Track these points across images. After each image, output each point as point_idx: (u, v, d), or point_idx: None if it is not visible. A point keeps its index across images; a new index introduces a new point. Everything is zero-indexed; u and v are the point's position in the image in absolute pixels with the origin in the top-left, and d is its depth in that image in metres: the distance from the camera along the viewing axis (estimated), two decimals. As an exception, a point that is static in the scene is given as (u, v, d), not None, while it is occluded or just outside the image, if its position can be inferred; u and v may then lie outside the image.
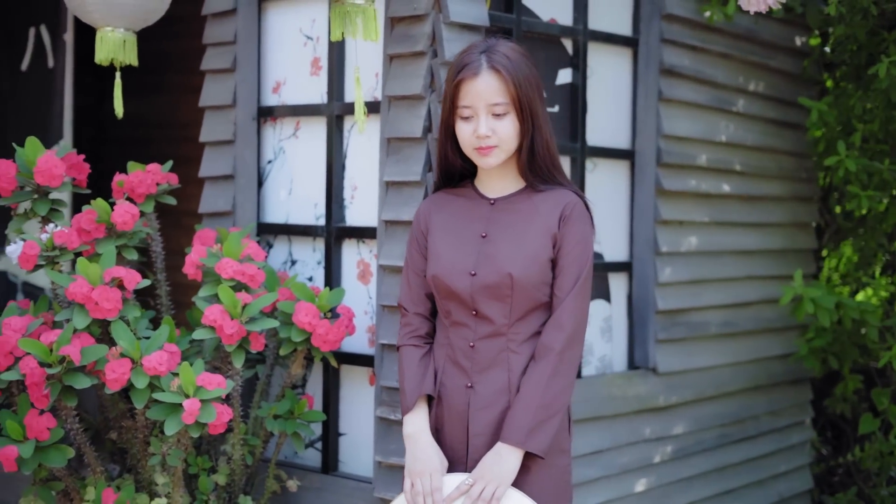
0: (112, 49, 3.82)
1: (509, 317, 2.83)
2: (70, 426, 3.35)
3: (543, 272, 2.81)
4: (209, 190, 4.12)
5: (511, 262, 2.81)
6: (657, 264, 4.35)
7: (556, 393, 2.77)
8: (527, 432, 2.75)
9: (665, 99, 4.35)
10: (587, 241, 2.83)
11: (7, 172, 3.59)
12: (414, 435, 2.89)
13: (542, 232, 2.82)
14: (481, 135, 2.80)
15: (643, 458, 4.31)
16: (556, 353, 2.77)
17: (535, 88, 2.82)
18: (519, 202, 2.89)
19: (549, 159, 2.85)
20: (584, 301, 2.83)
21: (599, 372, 4.27)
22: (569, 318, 2.79)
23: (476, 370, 2.87)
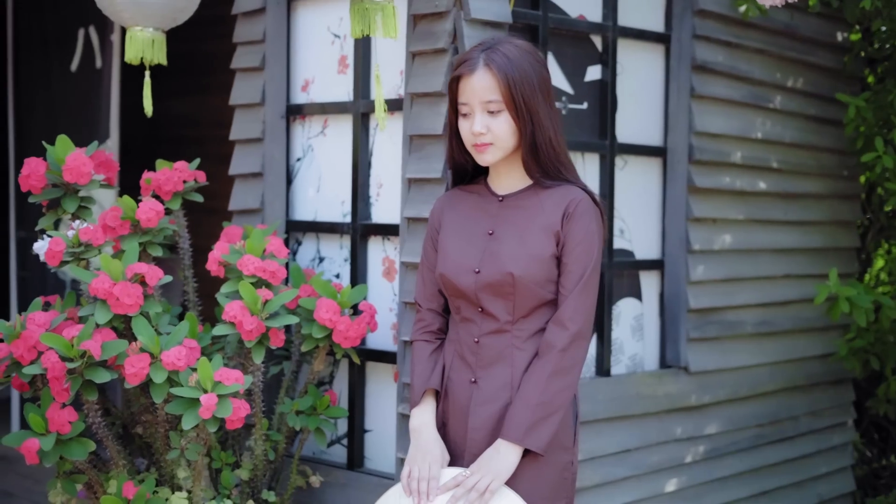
0: (141, 48, 3.87)
1: (513, 314, 2.82)
2: (92, 420, 3.39)
3: (546, 270, 2.80)
4: (239, 187, 4.15)
5: (513, 260, 2.81)
6: (689, 262, 4.31)
7: (557, 391, 2.75)
8: (525, 429, 2.74)
9: (698, 95, 4.31)
10: (592, 238, 2.80)
11: (37, 170, 3.65)
12: (418, 428, 2.90)
13: (545, 229, 2.81)
14: (475, 132, 2.80)
15: (674, 457, 4.28)
16: (558, 350, 2.76)
17: (537, 86, 2.78)
18: (526, 199, 2.88)
19: (554, 156, 2.82)
20: (589, 298, 2.80)
21: (630, 371, 4.24)
22: (572, 316, 2.77)
23: (480, 365, 2.87)
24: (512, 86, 2.75)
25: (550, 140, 2.81)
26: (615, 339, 4.18)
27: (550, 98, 2.83)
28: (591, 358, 4.10)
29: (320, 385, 3.99)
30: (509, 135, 2.80)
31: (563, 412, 2.78)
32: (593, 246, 2.79)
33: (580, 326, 2.77)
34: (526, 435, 2.74)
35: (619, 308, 4.20)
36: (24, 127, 6.56)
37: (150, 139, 7.15)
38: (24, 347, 3.32)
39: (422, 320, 3.03)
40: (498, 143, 2.81)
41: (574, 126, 4.02)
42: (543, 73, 2.82)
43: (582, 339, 2.78)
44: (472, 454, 2.83)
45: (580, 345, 2.78)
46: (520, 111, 2.77)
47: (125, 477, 3.43)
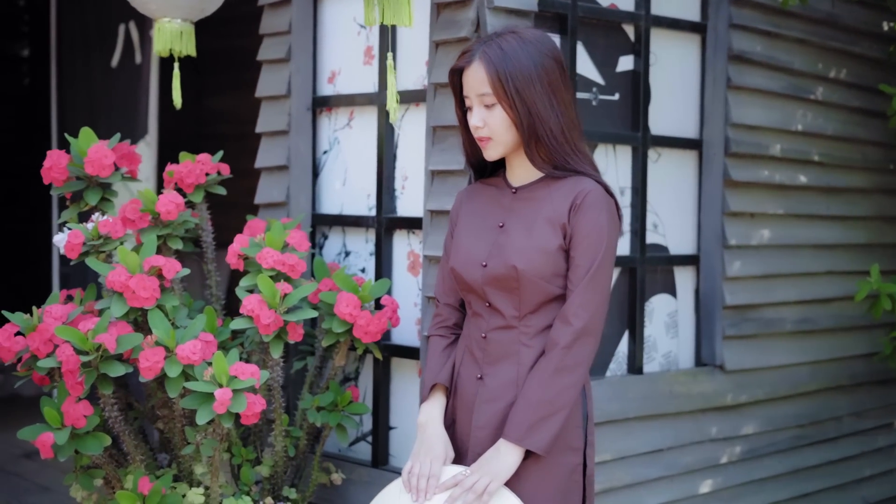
0: (169, 40, 3.84)
1: (519, 309, 2.74)
2: (109, 414, 3.35)
3: (553, 264, 2.70)
4: (265, 181, 4.11)
5: (517, 253, 2.72)
6: (725, 258, 4.20)
7: (560, 389, 2.65)
8: (526, 429, 2.65)
9: (734, 86, 4.20)
10: (600, 230, 2.69)
11: (59, 162, 3.62)
12: (424, 423, 2.84)
13: (551, 221, 2.72)
14: (473, 125, 2.74)
15: (709, 458, 4.17)
16: (561, 347, 2.66)
17: (535, 77, 2.68)
18: (537, 191, 2.79)
19: (559, 146, 2.73)
20: (597, 294, 2.69)
21: (664, 368, 4.14)
22: (576, 312, 2.67)
23: (487, 361, 2.79)
24: (503, 78, 2.67)
25: (552, 131, 2.71)
26: (648, 336, 4.08)
27: (555, 88, 2.72)
28: (623, 355, 4.01)
29: (346, 381, 3.93)
30: (505, 128, 2.72)
31: (567, 412, 2.67)
32: (602, 239, 2.69)
33: (585, 322, 2.66)
34: (526, 435, 2.65)
35: (653, 304, 4.10)
36: (66, 122, 6.59)
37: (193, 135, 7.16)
38: (40, 340, 3.29)
39: (438, 315, 2.98)
40: (495, 136, 2.74)
41: (605, 117, 3.93)
42: (546, 62, 2.72)
43: (587, 335, 2.67)
44: (475, 453, 2.76)
45: (585, 342, 2.67)
46: (512, 103, 2.68)
47: (141, 472, 3.39)
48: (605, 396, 3.82)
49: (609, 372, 3.98)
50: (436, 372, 2.89)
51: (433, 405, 2.86)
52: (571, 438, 2.72)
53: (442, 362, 2.90)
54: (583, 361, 2.67)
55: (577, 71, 3.83)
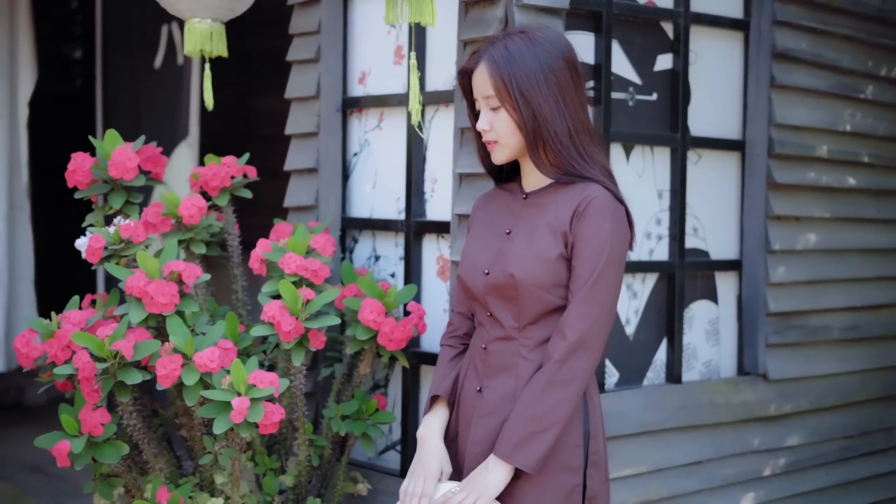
0: (199, 40, 3.77)
1: (519, 320, 2.63)
2: (127, 422, 3.29)
3: (552, 273, 2.59)
4: (294, 184, 4.03)
5: (516, 261, 2.62)
6: (769, 263, 4.05)
7: (551, 405, 2.53)
8: (514, 445, 2.54)
9: (778, 85, 4.05)
10: (603, 238, 2.56)
11: (82, 165, 3.57)
12: (422, 437, 2.75)
13: (552, 228, 2.61)
14: (480, 128, 2.65)
15: (751, 470, 4.02)
16: (554, 361, 2.54)
17: (541, 78, 2.58)
18: (545, 196, 2.68)
19: (564, 150, 2.61)
20: (596, 305, 2.55)
21: (704, 377, 4.01)
22: (571, 324, 2.54)
23: (487, 374, 2.69)
24: (506, 80, 2.58)
25: (557, 134, 2.59)
26: (687, 343, 3.95)
27: (563, 89, 2.61)
28: (661, 363, 3.88)
29: (375, 388, 3.85)
30: (510, 131, 2.63)
31: (559, 429, 2.54)
32: (604, 248, 2.55)
33: (580, 335, 2.53)
34: (514, 451, 2.53)
35: (692, 311, 3.97)
36: (111, 124, 6.55)
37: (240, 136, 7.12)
38: (58, 347, 3.24)
39: (451, 324, 2.89)
40: (501, 140, 2.65)
41: (642, 118, 3.80)
42: (554, 63, 2.61)
43: (583, 349, 2.54)
44: (470, 468, 2.66)
45: (581, 356, 2.54)
46: (516, 105, 2.58)
47: (160, 481, 3.33)
48: (640, 406, 3.70)
49: (646, 380, 3.85)
50: (438, 383, 2.80)
51: (433, 418, 2.77)
52: (568, 457, 2.59)
53: (445, 373, 2.81)
54: (578, 376, 2.54)
55: (612, 70, 3.71)
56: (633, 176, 3.80)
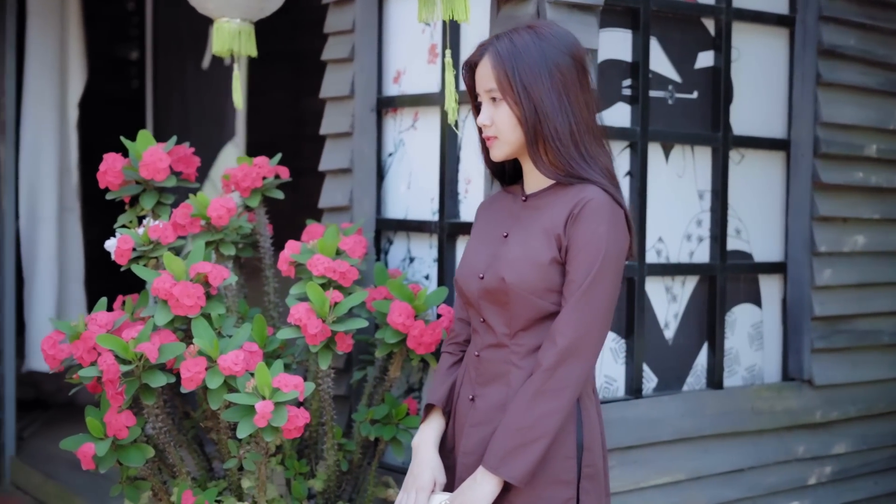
0: (228, 40, 3.75)
1: (510, 326, 2.56)
2: (153, 425, 3.27)
3: (544, 277, 2.51)
4: (329, 184, 3.99)
5: (508, 265, 2.54)
6: (814, 265, 3.94)
7: (540, 415, 2.44)
8: (501, 457, 2.45)
9: (824, 83, 3.94)
10: (598, 242, 2.47)
11: (113, 166, 3.56)
12: (416, 447, 2.70)
13: (546, 232, 2.53)
14: (479, 123, 2.58)
15: (795, 478, 3.91)
16: (544, 369, 2.46)
17: (545, 73, 2.51)
18: (544, 198, 2.61)
19: (565, 150, 2.53)
20: (589, 312, 2.46)
21: (747, 383, 3.90)
22: (563, 331, 2.46)
23: (479, 382, 2.62)
24: (509, 72, 2.51)
25: (557, 131, 2.52)
26: (729, 348, 3.85)
27: (568, 87, 2.54)
28: (702, 368, 3.79)
29: (410, 392, 3.79)
30: (511, 126, 2.56)
31: (548, 441, 2.45)
32: (599, 252, 2.46)
33: (570, 342, 2.45)
34: (501, 463, 2.45)
35: (735, 315, 3.87)
36: (161, 124, 6.60)
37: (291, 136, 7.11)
38: (83, 349, 3.22)
39: (452, 330, 2.84)
40: (501, 135, 2.58)
41: (682, 117, 3.71)
42: (561, 59, 2.54)
43: (574, 357, 2.45)
44: (461, 480, 2.59)
45: (572, 364, 2.45)
46: (518, 99, 2.51)
47: (185, 485, 3.30)
48: (678, 412, 3.61)
49: (686, 386, 3.76)
50: (434, 391, 2.74)
51: (427, 427, 2.71)
52: (560, 470, 2.50)
53: (442, 381, 2.75)
54: (568, 386, 2.45)
55: (650, 68, 3.62)
56: (672, 176, 3.71)
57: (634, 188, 3.59)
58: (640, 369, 3.60)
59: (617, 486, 3.46)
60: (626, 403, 3.53)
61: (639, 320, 3.59)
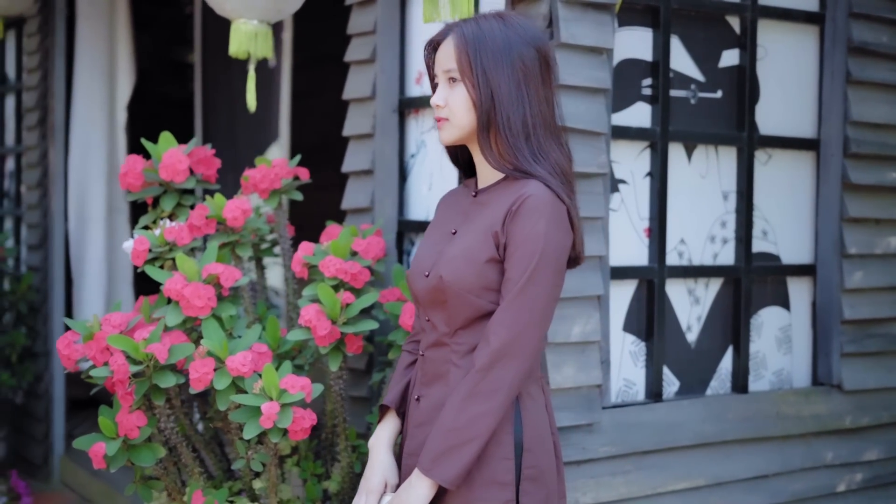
0: (244, 41, 3.78)
1: (450, 325, 2.51)
2: (164, 425, 3.29)
3: (481, 276, 2.45)
4: (352, 185, 3.98)
5: (447, 263, 2.50)
6: (844, 267, 3.85)
7: (472, 417, 2.39)
8: (433, 459, 2.41)
9: (855, 81, 3.85)
10: (535, 240, 2.40)
11: (134, 168, 3.58)
12: (370, 448, 2.68)
13: (484, 229, 2.48)
14: (432, 103, 2.53)
15: (823, 485, 3.83)
16: (477, 370, 2.41)
17: (507, 61, 2.46)
18: (491, 194, 2.55)
19: (515, 141, 2.47)
20: (525, 311, 2.40)
21: (774, 387, 3.83)
22: (497, 332, 2.40)
23: (424, 382, 2.59)
24: (471, 54, 2.46)
25: (510, 120, 2.46)
26: (756, 352, 3.78)
27: (529, 78, 2.49)
28: (726, 372, 3.73)
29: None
30: (464, 109, 2.50)
31: (481, 443, 2.40)
32: (536, 250, 2.39)
33: (504, 342, 2.39)
34: (433, 465, 2.41)
35: (761, 318, 3.80)
36: (209, 126, 6.65)
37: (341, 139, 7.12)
38: (97, 349, 3.25)
39: (412, 329, 2.80)
40: (453, 118, 2.52)
41: (706, 116, 3.66)
42: (525, 50, 2.49)
43: (508, 357, 2.39)
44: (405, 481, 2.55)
45: (506, 365, 2.39)
46: (476, 82, 2.46)
47: (196, 485, 3.31)
48: (698, 417, 3.56)
49: (710, 390, 3.70)
50: (388, 392, 2.72)
51: (381, 428, 2.69)
52: (496, 471, 2.44)
53: (397, 381, 2.71)
54: (502, 387, 2.39)
55: (672, 67, 3.57)
56: (695, 176, 3.65)
57: (654, 189, 3.54)
58: (659, 373, 3.55)
59: (634, 492, 3.42)
60: (644, 407, 3.48)
61: (659, 323, 3.54)
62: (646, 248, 3.56)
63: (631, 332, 3.54)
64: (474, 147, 2.60)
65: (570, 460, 3.29)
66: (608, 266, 3.38)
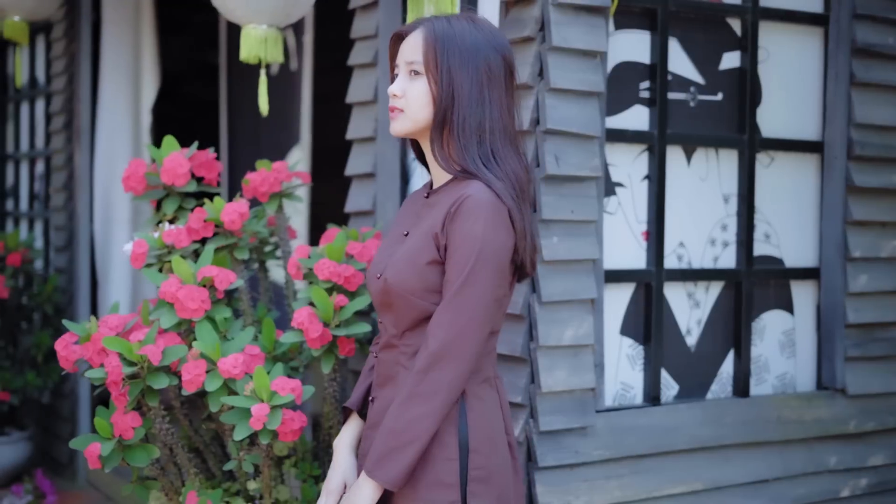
0: (254, 46, 3.80)
1: (398, 326, 2.53)
2: (159, 426, 3.32)
3: (423, 278, 2.46)
4: (354, 189, 4.01)
5: (392, 265, 2.52)
6: (848, 271, 3.82)
7: (412, 419, 2.40)
8: (376, 461, 2.43)
9: (859, 83, 3.82)
10: (472, 242, 2.40)
11: (136, 171, 3.63)
12: (334, 449, 2.70)
13: (427, 231, 2.49)
14: (390, 91, 2.52)
15: (826, 490, 3.79)
16: (416, 372, 2.42)
17: (470, 62, 2.47)
18: (441, 195, 2.56)
19: (467, 142, 2.47)
20: (464, 313, 2.40)
21: (778, 391, 3.81)
22: (435, 334, 2.41)
23: (378, 383, 2.61)
24: (438, 49, 2.47)
25: (465, 121, 2.46)
26: (758, 356, 3.76)
27: (492, 82, 2.50)
28: (727, 376, 3.71)
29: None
30: (422, 103, 2.50)
31: (421, 444, 2.40)
32: (472, 252, 2.39)
33: (441, 344, 2.39)
34: (376, 467, 2.43)
35: (764, 321, 3.77)
36: (234, 128, 6.70)
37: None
38: (93, 350, 3.29)
39: (378, 331, 2.82)
40: (408, 110, 2.52)
41: (705, 119, 3.64)
42: (491, 55, 2.50)
43: (446, 359, 2.39)
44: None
45: (444, 367, 2.39)
46: (439, 79, 2.47)
47: (191, 486, 3.35)
48: (696, 421, 3.54)
49: (711, 394, 3.68)
50: (352, 394, 2.74)
51: (344, 430, 2.71)
52: (440, 473, 2.45)
53: (360, 383, 2.74)
54: (441, 389, 2.40)
55: (671, 70, 3.56)
56: (695, 180, 3.64)
57: (652, 192, 3.53)
58: (657, 376, 3.54)
59: (629, 495, 3.41)
60: (640, 411, 3.48)
61: (656, 326, 3.53)
62: (643, 252, 3.55)
63: (628, 336, 3.54)
64: (426, 144, 2.60)
65: (563, 464, 3.29)
66: (602, 269, 3.38)
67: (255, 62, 3.84)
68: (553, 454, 3.28)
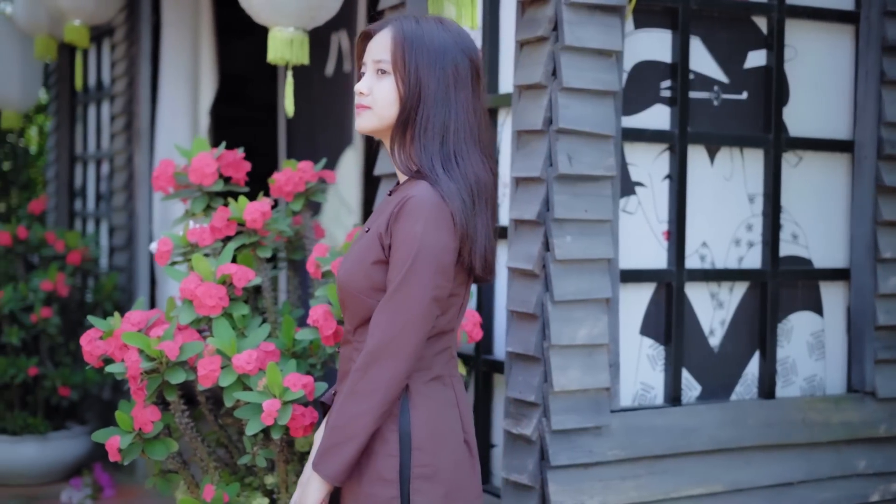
0: (280, 48, 3.86)
1: (351, 323, 2.56)
2: (179, 420, 3.39)
3: (369, 277, 2.47)
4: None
5: (343, 264, 2.55)
6: (878, 272, 3.76)
7: (351, 416, 2.41)
8: (320, 455, 2.46)
9: (890, 81, 3.75)
10: (412, 242, 2.39)
11: (165, 171, 3.71)
12: (313, 444, 2.72)
13: (374, 231, 2.50)
14: (357, 89, 2.53)
15: (855, 494, 3.73)
16: (355, 370, 2.44)
17: (438, 63, 2.48)
18: (395, 194, 2.57)
19: (428, 142, 2.47)
20: (402, 313, 2.41)
21: (806, 393, 3.76)
22: (374, 332, 2.42)
23: (340, 379, 2.64)
24: (407, 48, 2.47)
25: (429, 120, 2.46)
26: (785, 357, 3.72)
27: (459, 84, 2.50)
28: (752, 377, 3.67)
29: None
30: (389, 102, 2.50)
31: (361, 441, 2.42)
32: (411, 252, 2.39)
33: (379, 343, 2.40)
34: (319, 461, 2.45)
35: (791, 323, 3.73)
36: (292, 130, 6.78)
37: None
38: (115, 345, 3.37)
39: None
40: (375, 107, 2.52)
41: (730, 118, 3.61)
42: (459, 57, 2.51)
43: (384, 358, 2.40)
44: None
45: (382, 365, 2.40)
46: (406, 78, 2.47)
47: (208, 479, 3.41)
48: (716, 422, 3.51)
49: (735, 395, 3.65)
50: (329, 390, 2.76)
51: (323, 425, 2.71)
52: (382, 468, 2.45)
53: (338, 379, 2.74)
54: (379, 388, 2.41)
55: (694, 69, 3.54)
56: (718, 179, 3.61)
57: (673, 191, 3.52)
58: (678, 377, 3.52)
59: (645, 496, 3.40)
60: (657, 411, 3.46)
61: (677, 327, 3.52)
62: (664, 252, 3.53)
63: (649, 336, 3.52)
64: (388, 143, 2.61)
65: (576, 463, 3.29)
66: (617, 269, 3.37)
67: (283, 63, 3.88)
68: (566, 453, 3.28)
